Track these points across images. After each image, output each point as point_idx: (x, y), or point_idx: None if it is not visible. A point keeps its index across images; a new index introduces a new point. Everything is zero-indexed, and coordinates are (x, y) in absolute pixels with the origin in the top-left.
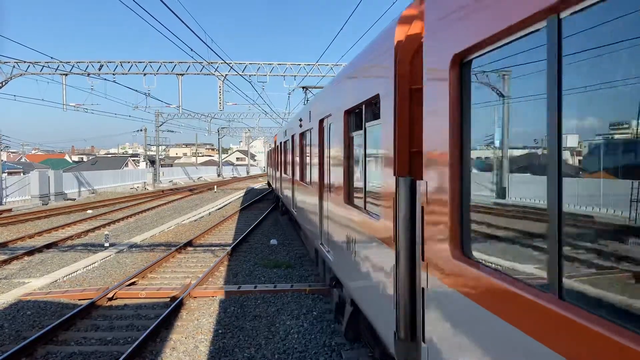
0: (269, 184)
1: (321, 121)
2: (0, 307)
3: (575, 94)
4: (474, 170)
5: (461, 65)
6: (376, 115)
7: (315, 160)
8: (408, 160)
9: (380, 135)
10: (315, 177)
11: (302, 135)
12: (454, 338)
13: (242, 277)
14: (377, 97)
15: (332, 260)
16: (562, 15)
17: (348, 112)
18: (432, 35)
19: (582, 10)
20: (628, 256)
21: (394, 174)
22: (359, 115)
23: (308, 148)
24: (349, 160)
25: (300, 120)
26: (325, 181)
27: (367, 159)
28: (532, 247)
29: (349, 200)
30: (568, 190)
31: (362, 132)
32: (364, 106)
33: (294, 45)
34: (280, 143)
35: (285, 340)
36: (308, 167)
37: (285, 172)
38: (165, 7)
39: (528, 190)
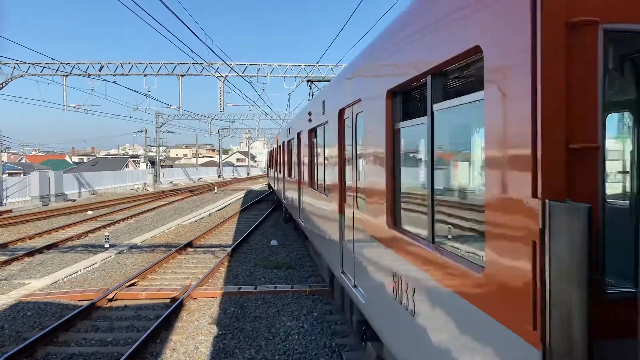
0: (269, 185)
1: (342, 111)
2: (1, 308)
3: None
4: None
5: None
6: (464, 89)
7: (333, 161)
8: (565, 167)
9: (490, 117)
10: (333, 183)
11: (312, 132)
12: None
13: (242, 278)
14: (470, 53)
15: (364, 301)
16: None
17: (393, 93)
18: None
19: None
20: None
21: (537, 194)
22: (416, 96)
23: (321, 147)
24: (394, 162)
25: (310, 114)
26: (349, 191)
27: (435, 160)
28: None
29: (396, 224)
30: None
31: (424, 119)
32: (430, 78)
33: (294, 46)
34: (284, 142)
35: (286, 341)
36: (321, 171)
37: (289, 175)
38: (166, 7)
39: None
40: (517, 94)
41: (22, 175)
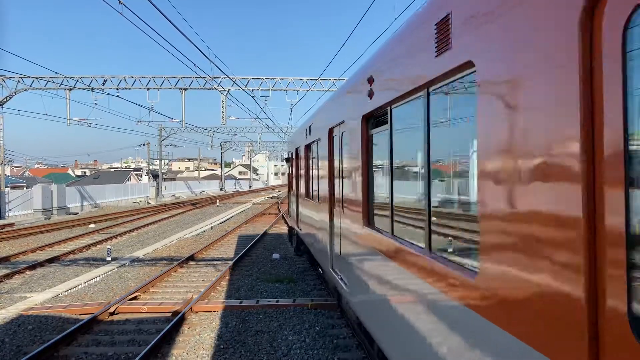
0: (290, 229)
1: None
2: (2, 321)
3: None
4: None
5: None
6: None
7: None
8: None
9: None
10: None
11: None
12: None
13: (244, 291)
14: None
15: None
16: None
17: None
18: None
19: None
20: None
21: None
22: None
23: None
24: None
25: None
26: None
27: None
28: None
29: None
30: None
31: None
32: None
33: (296, 61)
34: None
35: (288, 355)
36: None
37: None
38: (169, 22)
39: None
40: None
41: (24, 188)
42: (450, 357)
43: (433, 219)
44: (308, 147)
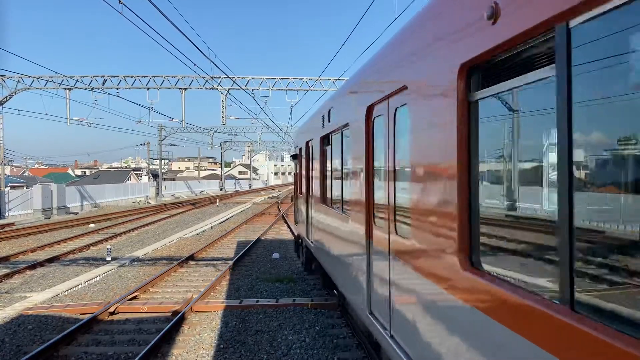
0: (297, 239)
1: None
2: (2, 321)
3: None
4: None
5: None
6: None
7: None
8: None
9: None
10: None
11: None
12: None
13: (244, 291)
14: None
15: None
16: None
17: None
18: None
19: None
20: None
21: None
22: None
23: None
24: None
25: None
26: None
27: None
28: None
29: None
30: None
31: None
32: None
33: (296, 61)
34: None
35: (288, 355)
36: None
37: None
38: (169, 22)
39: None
40: None
41: (24, 188)
42: None
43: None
44: (326, 139)
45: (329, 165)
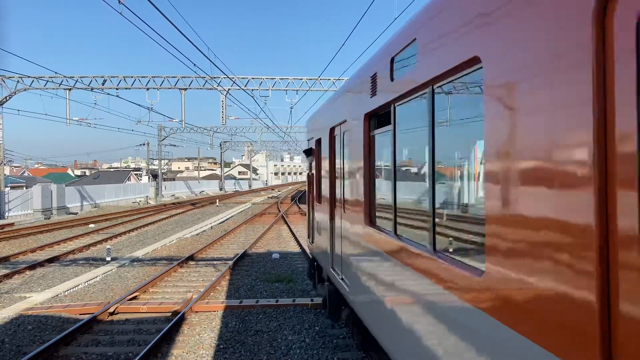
0: (311, 264)
1: None
2: (1, 321)
3: None
4: None
5: None
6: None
7: None
8: None
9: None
10: None
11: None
12: None
13: (243, 291)
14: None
15: None
16: None
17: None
18: None
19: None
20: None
21: None
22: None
23: None
24: None
25: None
26: None
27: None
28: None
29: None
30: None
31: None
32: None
33: (296, 61)
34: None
35: (287, 355)
36: None
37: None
38: (169, 22)
39: None
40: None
41: (24, 188)
42: None
43: None
44: (377, 117)
45: (382, 159)
